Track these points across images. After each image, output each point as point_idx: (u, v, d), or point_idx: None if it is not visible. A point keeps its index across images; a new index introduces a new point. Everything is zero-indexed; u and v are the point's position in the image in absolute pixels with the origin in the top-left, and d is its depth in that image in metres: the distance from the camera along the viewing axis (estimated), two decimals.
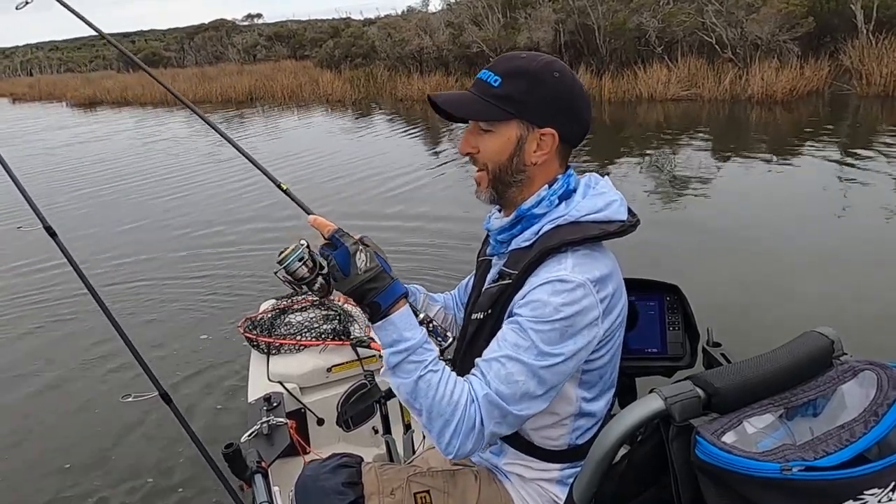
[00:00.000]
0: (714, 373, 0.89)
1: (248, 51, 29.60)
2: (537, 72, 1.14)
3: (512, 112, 1.14)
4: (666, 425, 0.88)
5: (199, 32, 33.10)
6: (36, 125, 18.96)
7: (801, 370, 0.91)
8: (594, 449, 0.94)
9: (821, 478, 0.76)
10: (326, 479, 1.34)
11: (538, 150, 1.16)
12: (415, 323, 1.11)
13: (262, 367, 2.38)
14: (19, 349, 4.23)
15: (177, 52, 33.16)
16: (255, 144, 11.68)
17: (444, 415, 1.05)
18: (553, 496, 1.26)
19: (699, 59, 13.09)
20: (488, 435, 1.07)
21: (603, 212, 1.14)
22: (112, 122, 18.18)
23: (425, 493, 1.31)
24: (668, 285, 1.60)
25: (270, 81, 20.52)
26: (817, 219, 5.57)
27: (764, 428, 0.85)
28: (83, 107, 23.48)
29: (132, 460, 2.97)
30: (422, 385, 1.07)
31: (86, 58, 45.12)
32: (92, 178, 10.02)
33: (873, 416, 0.82)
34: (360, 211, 6.82)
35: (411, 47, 17.64)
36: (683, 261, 4.85)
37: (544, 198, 1.17)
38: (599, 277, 1.10)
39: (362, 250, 1.11)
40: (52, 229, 1.70)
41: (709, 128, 10.43)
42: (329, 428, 2.29)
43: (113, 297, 4.63)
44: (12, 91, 32.70)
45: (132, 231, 6.76)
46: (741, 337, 3.17)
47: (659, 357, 1.60)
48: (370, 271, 1.09)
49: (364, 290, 1.09)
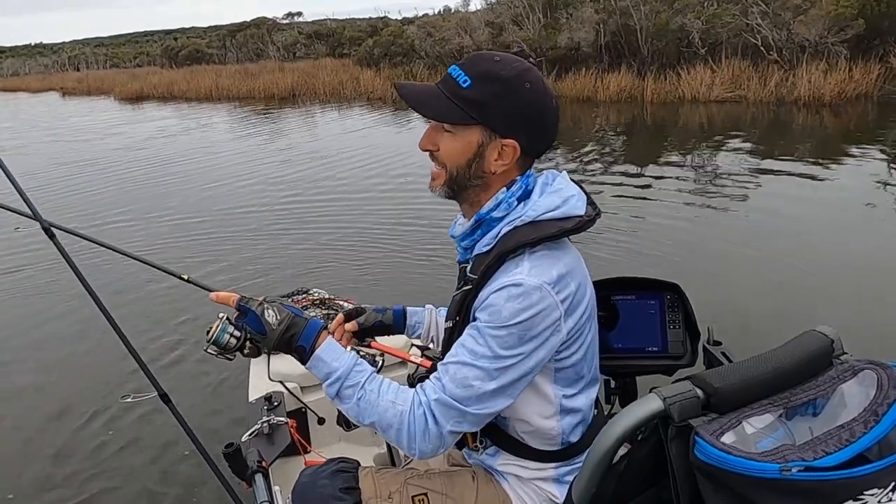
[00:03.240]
0: (713, 373, 0.88)
1: (288, 49, 30.07)
2: (509, 80, 1.10)
3: (475, 117, 1.12)
4: (665, 425, 0.88)
5: (240, 30, 33.63)
6: (97, 119, 19.20)
7: (801, 370, 0.91)
8: (593, 449, 0.94)
9: (820, 478, 0.76)
10: (324, 484, 1.33)
11: (499, 159, 1.14)
12: (340, 352, 1.17)
13: (263, 367, 2.38)
14: (17, 349, 4.24)
15: (218, 50, 33.69)
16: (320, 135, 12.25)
17: (393, 424, 1.11)
18: (550, 495, 1.26)
19: (744, 61, 12.89)
20: (448, 434, 1.10)
21: (560, 209, 1.13)
22: (170, 116, 18.44)
23: (423, 496, 1.31)
24: (669, 284, 1.59)
25: (312, 79, 20.83)
26: (861, 226, 5.41)
27: (763, 428, 0.85)
28: (130, 101, 23.92)
29: (132, 461, 2.97)
30: (363, 404, 1.13)
31: (130, 54, 46.72)
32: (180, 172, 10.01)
33: (873, 416, 0.81)
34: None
35: (451, 46, 17.61)
36: (712, 261, 4.80)
37: (502, 200, 1.15)
38: (558, 277, 1.09)
39: (268, 307, 1.18)
40: (51, 230, 1.69)
41: (753, 130, 10.22)
42: (330, 427, 2.29)
43: (112, 297, 4.63)
44: (62, 85, 33.38)
45: (135, 229, 6.77)
46: (752, 336, 3.18)
47: (659, 356, 1.60)
48: (283, 322, 1.16)
49: (286, 340, 1.16)
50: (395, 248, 5.59)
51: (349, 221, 6.54)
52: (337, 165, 9.48)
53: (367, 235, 6.00)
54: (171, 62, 34.04)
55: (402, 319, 1.50)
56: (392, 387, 1.14)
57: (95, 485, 2.83)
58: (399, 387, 1.15)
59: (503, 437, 1.25)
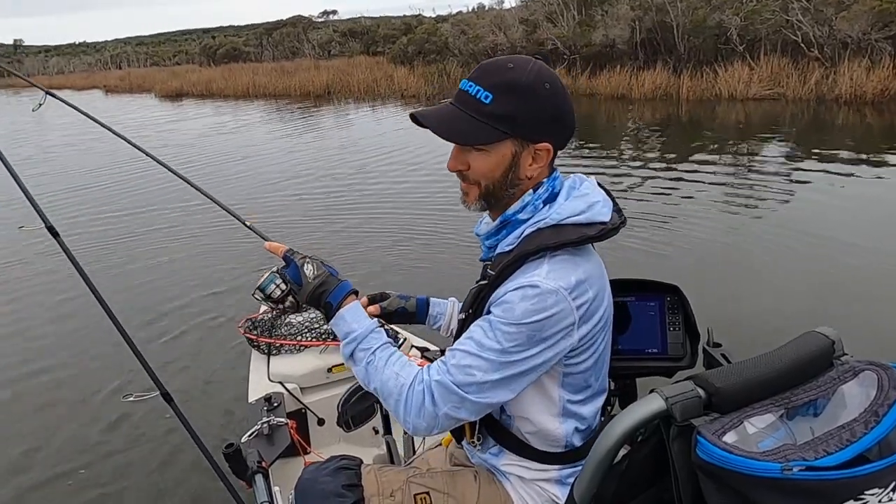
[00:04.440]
0: (715, 373, 0.89)
1: (323, 46, 30.48)
2: (530, 86, 1.10)
3: (507, 132, 1.11)
4: (667, 425, 0.88)
5: (276, 28, 34.10)
6: (147, 116, 19.33)
7: (802, 370, 0.91)
8: (595, 449, 0.94)
9: (821, 478, 0.76)
10: (326, 481, 1.34)
11: (534, 163, 1.15)
12: (363, 316, 1.22)
13: (263, 368, 2.38)
14: (20, 348, 4.23)
15: (255, 48, 34.22)
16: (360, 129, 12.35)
17: (394, 393, 1.13)
18: (552, 496, 1.26)
19: (783, 58, 12.68)
20: (443, 416, 1.11)
21: (585, 214, 1.13)
22: (211, 114, 18.51)
23: (425, 495, 1.31)
24: (669, 286, 1.60)
25: (347, 76, 20.95)
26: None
27: (765, 428, 0.85)
28: (170, 98, 24.18)
29: (133, 460, 2.97)
30: (371, 369, 1.17)
31: (169, 52, 47.99)
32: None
33: (874, 417, 0.82)
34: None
35: (485, 44, 17.59)
36: (739, 262, 4.76)
37: (528, 202, 1.16)
38: (576, 283, 1.08)
39: (308, 262, 1.26)
40: (55, 229, 1.70)
41: (791, 128, 10.04)
42: (329, 428, 2.29)
43: (115, 296, 4.63)
44: (105, 83, 34.20)
45: (135, 230, 6.77)
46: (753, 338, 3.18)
47: (659, 357, 1.60)
48: (318, 277, 1.24)
49: (317, 295, 1.23)
50: (424, 242, 5.62)
51: (381, 214, 6.64)
52: (371, 161, 9.51)
53: (397, 229, 6.09)
54: (210, 60, 34.64)
55: (424, 309, 1.52)
56: (401, 360, 1.17)
57: (97, 484, 2.83)
58: (407, 361, 1.17)
59: (507, 437, 1.26)
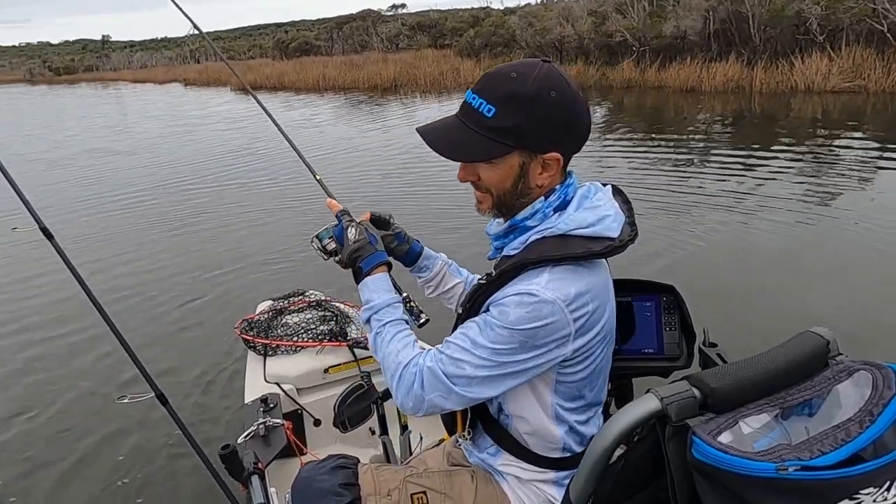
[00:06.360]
0: (710, 373, 0.89)
1: (391, 40, 30.80)
2: (533, 96, 1.07)
3: (511, 145, 1.10)
4: (662, 425, 0.88)
5: (347, 22, 34.62)
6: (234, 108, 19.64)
7: (797, 370, 0.91)
8: (590, 449, 0.94)
9: (816, 477, 0.76)
10: (323, 479, 1.34)
11: (543, 172, 1.13)
12: (387, 288, 1.28)
13: (259, 369, 2.37)
14: (13, 349, 4.22)
15: (326, 42, 34.69)
16: None
17: (390, 368, 1.18)
18: (549, 497, 1.26)
19: (867, 49, 12.01)
20: (428, 402, 1.14)
21: (593, 227, 1.10)
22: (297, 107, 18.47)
23: (422, 494, 1.31)
24: (665, 286, 1.60)
25: (414, 69, 21.04)
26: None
27: (760, 428, 0.85)
28: (244, 91, 24.29)
29: (128, 462, 2.96)
30: (378, 340, 1.23)
31: (244, 46, 49.89)
32: None
33: (868, 416, 0.82)
34: None
35: (552, 36, 17.41)
36: (812, 265, 4.61)
37: (538, 210, 1.15)
38: (575, 296, 1.07)
39: (353, 226, 1.35)
40: (49, 230, 1.69)
41: (873, 123, 9.55)
42: (326, 429, 2.29)
43: (108, 297, 4.62)
44: (184, 76, 35.46)
45: (131, 232, 6.75)
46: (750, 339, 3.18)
47: (655, 357, 1.60)
48: (358, 242, 1.32)
49: (354, 257, 1.31)
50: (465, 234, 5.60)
51: (430, 204, 6.77)
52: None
53: (437, 219, 6.17)
54: (282, 54, 35.33)
55: (415, 256, 1.50)
56: (405, 339, 1.21)
57: (90, 485, 2.82)
58: (411, 342, 1.21)
59: (505, 437, 1.26)
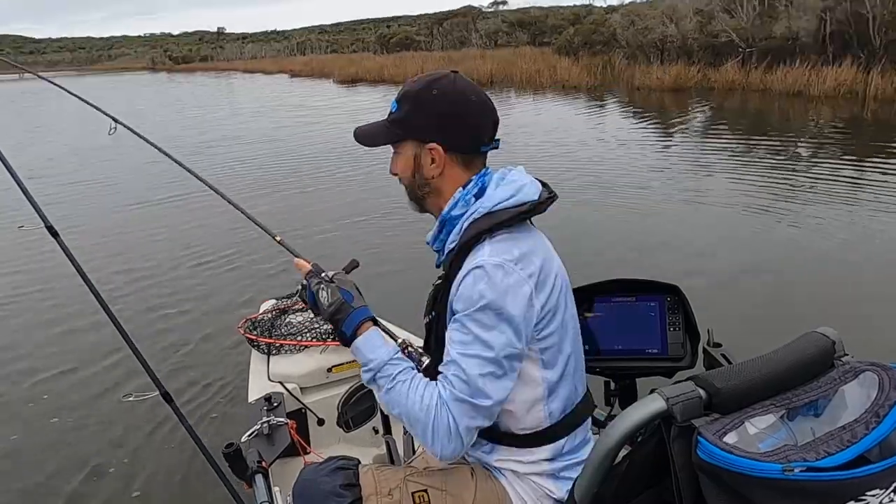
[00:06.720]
0: (716, 373, 0.89)
1: (490, 36, 30.95)
2: (418, 92, 1.23)
3: (401, 133, 1.25)
4: (667, 426, 0.88)
5: (447, 18, 35.11)
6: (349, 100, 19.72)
7: (803, 371, 0.91)
8: (596, 449, 0.94)
9: (822, 478, 0.76)
10: (325, 481, 1.35)
11: (433, 163, 1.24)
12: (378, 344, 1.23)
13: (263, 368, 2.38)
14: (20, 347, 4.23)
15: (426, 37, 35.14)
16: None
17: (420, 419, 1.15)
18: (547, 490, 1.28)
19: None
20: (465, 430, 1.14)
21: (514, 197, 1.20)
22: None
23: (423, 492, 1.32)
24: (669, 286, 1.60)
25: (511, 66, 21.00)
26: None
27: (765, 428, 0.85)
28: (346, 83, 24.83)
29: (132, 460, 2.96)
30: (394, 396, 1.19)
31: (348, 40, 51.29)
32: None
33: (874, 418, 0.82)
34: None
35: (653, 35, 17.13)
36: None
37: (459, 199, 1.24)
38: (519, 256, 1.16)
39: (324, 288, 1.28)
40: (54, 229, 1.70)
41: None
42: (329, 428, 2.29)
43: (114, 296, 4.63)
44: (291, 68, 36.58)
45: (135, 231, 6.76)
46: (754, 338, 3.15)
47: (659, 358, 1.60)
48: (332, 305, 1.26)
49: (334, 322, 1.26)
50: None
51: None
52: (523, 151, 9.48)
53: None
54: (383, 48, 35.85)
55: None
56: (423, 383, 1.18)
57: (95, 484, 2.82)
58: (429, 384, 1.18)
59: (493, 430, 1.26)
